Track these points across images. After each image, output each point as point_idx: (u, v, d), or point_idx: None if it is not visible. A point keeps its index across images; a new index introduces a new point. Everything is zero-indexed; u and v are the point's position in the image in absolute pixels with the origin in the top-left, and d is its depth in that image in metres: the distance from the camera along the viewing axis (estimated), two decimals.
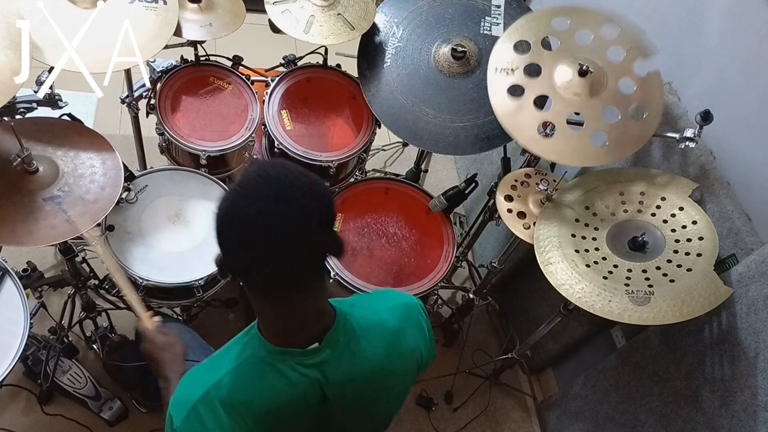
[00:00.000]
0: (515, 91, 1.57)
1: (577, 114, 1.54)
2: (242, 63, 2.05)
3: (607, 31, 1.59)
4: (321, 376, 0.95)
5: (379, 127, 1.97)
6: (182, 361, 1.26)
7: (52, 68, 1.51)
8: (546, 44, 1.62)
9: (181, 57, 1.99)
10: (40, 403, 1.92)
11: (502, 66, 1.59)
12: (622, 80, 1.54)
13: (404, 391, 1.11)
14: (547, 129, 1.54)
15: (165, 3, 1.65)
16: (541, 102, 1.56)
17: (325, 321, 0.96)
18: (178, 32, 1.75)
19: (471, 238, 2.23)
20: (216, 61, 2.02)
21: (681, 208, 1.49)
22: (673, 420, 1.58)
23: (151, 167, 1.88)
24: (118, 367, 1.96)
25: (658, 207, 1.52)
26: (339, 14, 1.82)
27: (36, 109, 1.73)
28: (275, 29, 1.80)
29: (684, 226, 1.47)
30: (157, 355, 1.26)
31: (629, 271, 1.44)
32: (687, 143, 1.49)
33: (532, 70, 1.58)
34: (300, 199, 0.83)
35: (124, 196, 1.69)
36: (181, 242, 1.72)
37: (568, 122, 1.52)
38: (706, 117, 1.43)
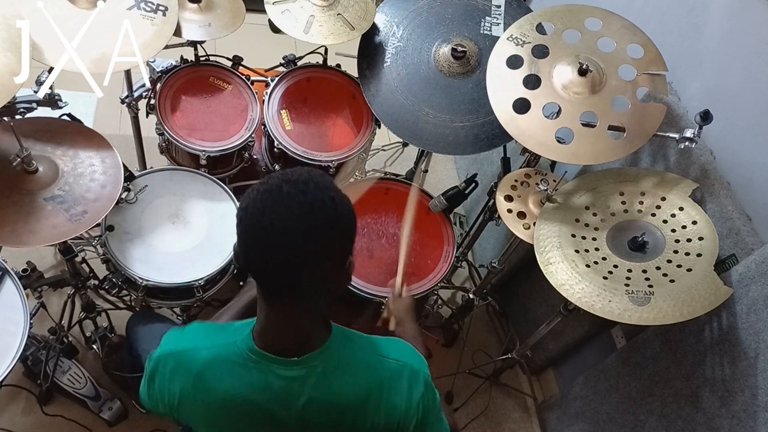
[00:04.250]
0: (515, 61, 1.58)
1: (558, 109, 1.55)
2: (242, 63, 2.05)
3: (634, 51, 1.61)
4: (285, 391, 0.95)
5: (379, 127, 1.97)
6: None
7: (52, 68, 1.51)
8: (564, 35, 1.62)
9: (181, 57, 1.99)
10: (39, 404, 1.92)
11: (517, 35, 1.60)
12: (619, 90, 1.55)
13: None
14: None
15: (164, 15, 1.63)
16: (530, 83, 1.57)
17: (314, 342, 0.96)
18: (177, 32, 1.75)
19: (471, 238, 2.23)
20: (216, 61, 2.02)
21: (681, 208, 1.49)
22: (674, 420, 1.58)
23: (151, 167, 1.88)
24: (117, 368, 1.96)
25: (658, 207, 1.52)
26: (339, 14, 1.82)
27: (36, 109, 1.73)
28: (275, 29, 1.80)
29: (684, 226, 1.47)
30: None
31: (629, 271, 1.44)
32: (686, 143, 1.49)
33: (540, 52, 1.59)
34: (322, 215, 0.84)
35: (123, 196, 1.69)
36: (181, 242, 1.71)
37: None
38: (706, 117, 1.42)
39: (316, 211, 0.84)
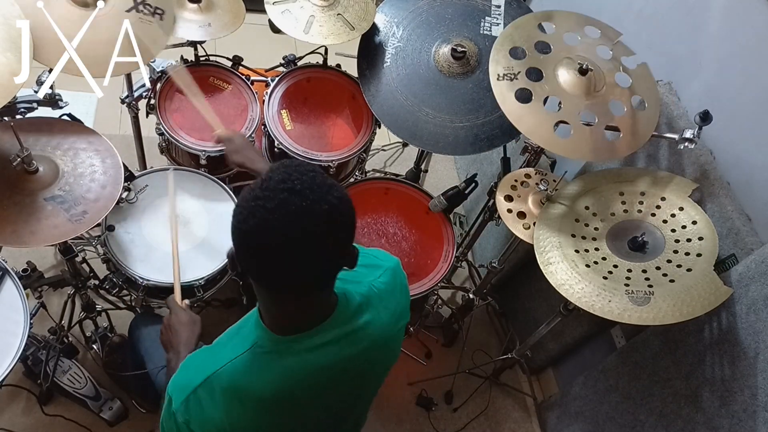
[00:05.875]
0: (523, 95, 1.54)
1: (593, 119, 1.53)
2: (242, 63, 2.05)
3: (591, 31, 1.61)
4: (327, 358, 0.96)
5: (379, 127, 1.97)
6: (196, 342, 1.29)
7: (52, 68, 1.51)
8: (540, 48, 1.60)
9: (181, 57, 1.99)
10: (40, 404, 1.92)
11: (503, 72, 1.57)
12: (618, 75, 1.55)
13: (397, 352, 1.15)
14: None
15: (161, 19, 1.62)
16: (550, 104, 1.55)
17: (332, 306, 0.97)
18: (177, 32, 1.75)
19: (471, 238, 2.23)
20: (216, 61, 2.02)
21: (681, 208, 1.49)
22: (673, 420, 1.58)
23: (151, 167, 1.88)
24: (117, 368, 1.96)
25: (658, 207, 1.52)
26: (339, 14, 1.82)
27: (36, 109, 1.73)
28: (275, 29, 1.80)
29: (684, 226, 1.47)
30: (177, 328, 1.29)
31: (629, 271, 1.44)
32: (686, 144, 1.49)
33: (533, 74, 1.57)
34: (325, 213, 0.82)
35: (124, 196, 1.69)
36: (182, 242, 1.71)
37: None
38: (705, 117, 1.42)
39: (335, 217, 0.83)
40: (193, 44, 1.90)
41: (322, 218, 0.82)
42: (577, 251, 1.50)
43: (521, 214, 1.71)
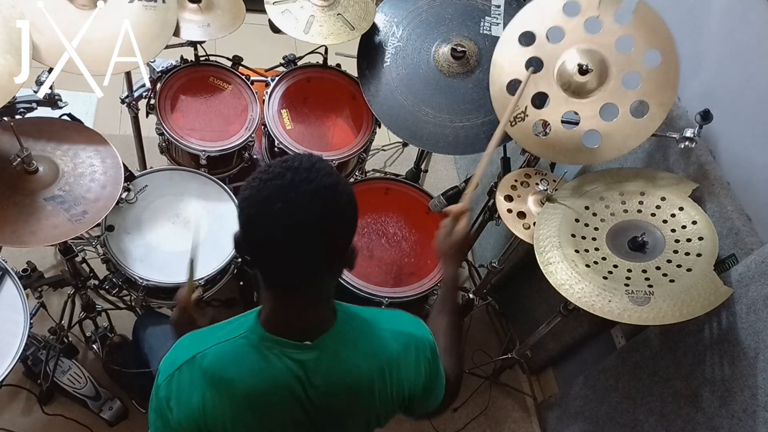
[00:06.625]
0: (541, 128, 1.57)
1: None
2: (242, 63, 2.05)
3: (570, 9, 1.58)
4: (303, 374, 0.95)
5: (379, 127, 1.97)
6: None
7: (52, 68, 1.51)
8: (533, 66, 1.59)
9: (181, 57, 1.99)
10: (40, 403, 1.92)
11: (513, 115, 1.57)
12: (618, 41, 1.53)
13: (377, 418, 1.06)
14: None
15: (164, 1, 1.64)
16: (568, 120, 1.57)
17: (324, 324, 0.97)
18: (177, 32, 1.75)
19: (471, 238, 2.23)
20: (216, 61, 2.02)
21: (681, 208, 1.49)
22: (673, 420, 1.58)
23: (151, 167, 1.88)
24: (117, 368, 1.96)
25: (658, 207, 1.52)
26: (339, 14, 1.82)
27: (36, 109, 1.73)
28: (275, 29, 1.80)
29: (684, 226, 1.47)
30: (181, 327, 1.27)
31: (629, 271, 1.44)
32: (686, 143, 1.49)
33: (540, 100, 1.58)
34: (329, 201, 0.84)
35: (123, 196, 1.69)
36: (181, 242, 1.71)
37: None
38: (706, 117, 1.42)
39: (321, 198, 0.84)
40: (193, 44, 1.90)
41: (312, 196, 0.83)
42: (577, 251, 1.50)
43: (521, 214, 1.71)
